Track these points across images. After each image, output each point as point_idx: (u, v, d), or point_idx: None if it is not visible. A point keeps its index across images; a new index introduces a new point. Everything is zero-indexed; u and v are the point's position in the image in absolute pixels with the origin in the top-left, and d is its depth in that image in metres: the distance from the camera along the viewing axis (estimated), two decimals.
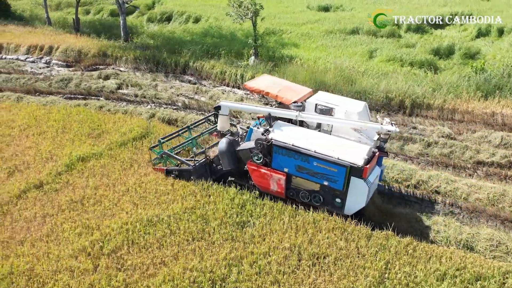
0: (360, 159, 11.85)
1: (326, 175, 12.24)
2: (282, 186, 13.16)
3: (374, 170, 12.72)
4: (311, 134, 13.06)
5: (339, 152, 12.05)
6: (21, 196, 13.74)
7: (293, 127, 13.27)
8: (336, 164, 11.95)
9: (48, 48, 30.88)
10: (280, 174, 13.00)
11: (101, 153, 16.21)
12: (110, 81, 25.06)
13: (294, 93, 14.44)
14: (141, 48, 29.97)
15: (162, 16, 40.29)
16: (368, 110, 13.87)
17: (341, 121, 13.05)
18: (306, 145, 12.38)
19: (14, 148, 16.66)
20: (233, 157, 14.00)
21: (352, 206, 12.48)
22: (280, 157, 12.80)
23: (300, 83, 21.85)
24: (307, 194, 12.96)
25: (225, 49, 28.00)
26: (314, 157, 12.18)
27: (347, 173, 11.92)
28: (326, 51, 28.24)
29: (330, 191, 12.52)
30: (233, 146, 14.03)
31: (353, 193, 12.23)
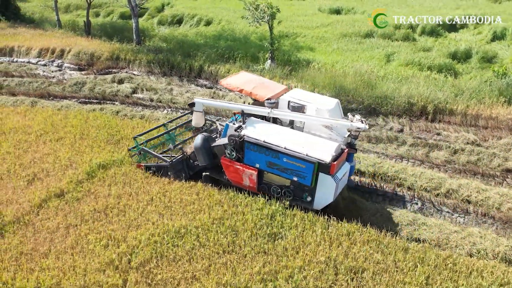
0: (328, 155, 12.13)
1: (295, 171, 12.58)
2: (254, 181, 13.49)
3: (343, 167, 13.11)
4: (282, 131, 13.31)
5: (308, 148, 12.36)
6: (42, 205, 13.33)
7: (265, 124, 13.57)
8: (305, 161, 12.28)
9: (59, 51, 30.55)
10: (252, 169, 13.33)
11: (122, 160, 15.81)
12: (124, 85, 24.67)
13: (269, 90, 14.56)
14: (154, 51, 29.60)
15: (173, 19, 39.97)
16: (341, 108, 14.14)
17: (311, 118, 13.44)
18: (277, 141, 12.67)
19: (32, 154, 16.27)
20: (208, 153, 14.31)
21: (321, 202, 12.83)
22: (252, 153, 13.16)
23: (319, 88, 21.59)
24: (278, 189, 13.30)
25: (240, 52, 27.58)
26: (284, 154, 12.51)
27: (315, 169, 12.26)
28: (343, 54, 27.81)
29: (299, 187, 12.90)
30: (208, 142, 14.34)
31: (322, 188, 12.58)
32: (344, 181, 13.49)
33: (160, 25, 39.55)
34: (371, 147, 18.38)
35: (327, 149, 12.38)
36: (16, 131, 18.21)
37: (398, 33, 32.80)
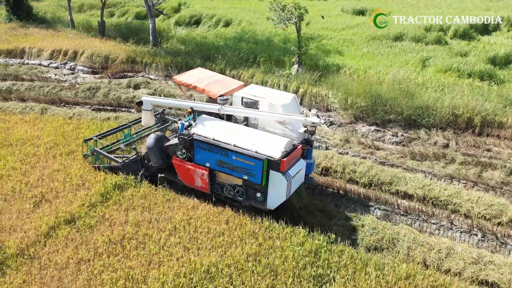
0: (277, 152, 11.65)
1: (245, 169, 12.04)
2: (206, 182, 12.96)
3: (298, 164, 12.43)
4: (233, 128, 12.90)
5: (258, 145, 11.89)
6: (50, 234, 11.62)
7: (216, 121, 13.17)
8: (254, 158, 11.76)
9: (72, 53, 28.99)
10: (203, 169, 12.82)
11: (140, 180, 14.11)
12: (141, 91, 22.96)
13: (222, 86, 14.16)
14: (172, 53, 27.88)
15: (191, 20, 38.26)
16: (298, 104, 13.61)
17: (263, 114, 12.98)
18: (226, 138, 12.23)
19: (40, 171, 14.60)
20: (161, 153, 13.77)
21: (273, 201, 12.26)
22: (202, 152, 12.68)
23: (353, 97, 19.70)
24: (231, 189, 12.73)
25: (264, 56, 25.77)
26: (233, 151, 12.04)
27: (265, 167, 11.69)
28: (374, 59, 25.88)
29: (251, 186, 12.31)
30: (161, 141, 13.79)
31: (273, 187, 12.00)
32: (299, 179, 12.71)
33: (177, 26, 37.86)
34: (416, 165, 16.47)
35: (277, 145, 11.86)
36: (24, 143, 16.58)
37: (429, 36, 30.76)
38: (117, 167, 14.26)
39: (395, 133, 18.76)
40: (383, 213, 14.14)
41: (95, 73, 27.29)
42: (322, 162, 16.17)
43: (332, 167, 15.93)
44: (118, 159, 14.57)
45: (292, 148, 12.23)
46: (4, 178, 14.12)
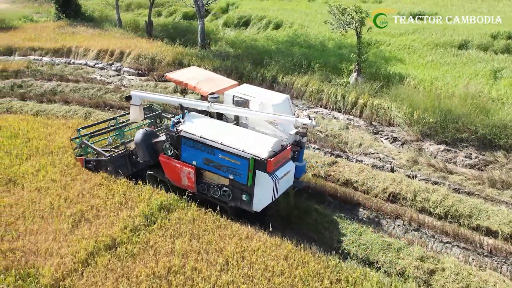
0: (264, 151, 11.31)
1: (231, 168, 11.75)
2: (192, 180, 12.68)
3: (286, 165, 12.04)
4: (221, 126, 12.60)
5: (245, 144, 11.56)
6: (88, 261, 10.37)
7: (205, 119, 12.89)
8: (239, 157, 11.46)
9: (119, 54, 28.12)
10: (190, 167, 12.55)
11: (188, 200, 12.75)
12: (188, 97, 21.69)
13: (214, 85, 14.01)
14: (221, 57, 26.55)
15: (240, 21, 36.87)
16: (291, 105, 13.38)
17: (252, 113, 12.68)
18: (213, 136, 11.93)
19: (80, 185, 13.44)
20: (149, 149, 13.46)
21: (260, 202, 11.88)
22: (189, 149, 12.44)
23: (420, 111, 17.82)
24: (217, 189, 12.38)
25: (318, 62, 24.06)
26: (219, 149, 11.77)
27: (251, 166, 11.37)
28: (440, 69, 23.73)
29: (238, 186, 11.97)
30: (150, 137, 13.51)
31: (259, 188, 11.64)
32: (287, 181, 12.32)
33: (226, 27, 36.57)
34: (497, 194, 14.45)
35: (265, 144, 11.52)
36: (66, 151, 15.54)
37: (497, 43, 28.25)
38: (104, 160, 13.96)
39: (468, 154, 16.72)
40: (463, 252, 12.25)
41: (141, 75, 26.30)
42: (389, 186, 14.39)
43: (401, 193, 14.12)
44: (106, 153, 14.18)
45: (280, 149, 11.86)
46: (43, 191, 13.02)
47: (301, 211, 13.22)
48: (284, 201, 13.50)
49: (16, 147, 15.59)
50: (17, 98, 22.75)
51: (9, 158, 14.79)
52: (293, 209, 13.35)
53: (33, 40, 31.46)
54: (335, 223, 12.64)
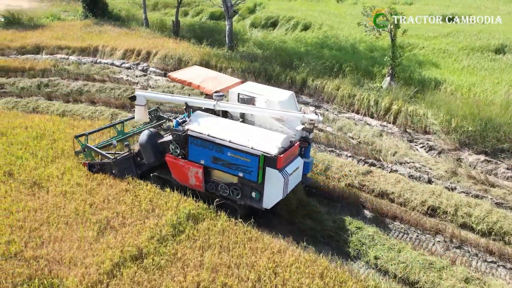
0: (273, 148, 11.30)
1: (240, 165, 11.67)
2: (200, 179, 12.62)
3: (295, 161, 12.09)
4: (228, 124, 12.55)
5: (254, 141, 11.52)
6: (113, 272, 9.90)
7: (211, 117, 12.79)
8: (249, 154, 11.40)
9: (145, 54, 27.78)
10: (197, 166, 12.48)
11: (217, 209, 12.21)
12: None
13: (218, 83, 13.95)
14: (248, 58, 25.97)
15: (267, 22, 36.28)
16: (295, 101, 13.42)
17: (260, 110, 12.70)
18: (221, 135, 11.86)
19: (106, 190, 13.00)
20: (154, 150, 13.34)
21: (270, 199, 11.86)
22: (196, 148, 12.32)
23: (458, 119, 16.99)
24: (226, 187, 12.36)
25: (350, 65, 23.31)
26: (228, 147, 11.68)
27: (261, 163, 11.31)
28: (477, 74, 22.76)
29: (247, 184, 11.95)
30: (155, 138, 13.44)
31: (270, 185, 11.61)
32: (296, 177, 12.38)
33: (253, 28, 36.00)
34: None
35: (274, 141, 11.52)
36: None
37: None
38: (109, 163, 13.63)
39: (510, 166, 15.82)
40: (510, 273, 11.43)
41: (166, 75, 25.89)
42: (428, 199, 13.60)
43: (441, 207, 13.32)
44: (110, 155, 13.90)
45: (289, 145, 11.88)
46: (68, 196, 12.61)
47: (335, 224, 12.55)
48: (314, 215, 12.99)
49: (41, 149, 15.25)
50: (43, 98, 22.56)
51: (34, 160, 14.46)
52: (326, 222, 12.69)
53: (60, 39, 31.38)
54: (372, 237, 11.94)
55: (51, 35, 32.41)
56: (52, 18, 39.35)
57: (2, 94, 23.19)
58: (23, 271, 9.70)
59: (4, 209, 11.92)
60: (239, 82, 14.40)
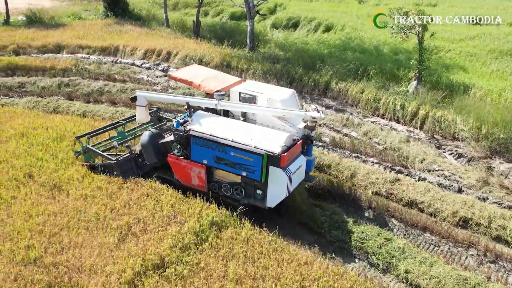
0: (277, 146, 11.25)
1: (244, 165, 11.61)
2: (203, 179, 12.55)
3: (298, 160, 12.01)
4: (231, 123, 12.48)
5: (256, 140, 11.47)
6: (135, 282, 9.58)
7: (213, 117, 12.73)
8: (252, 153, 11.35)
9: (166, 54, 27.56)
10: (200, 166, 12.41)
11: (241, 216, 11.83)
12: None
13: (219, 82, 13.85)
14: (270, 59, 25.56)
15: (288, 22, 35.82)
16: (297, 99, 13.42)
17: (261, 109, 12.63)
18: (223, 134, 11.81)
19: (127, 194, 12.70)
20: (156, 150, 13.37)
21: (273, 198, 11.82)
22: (199, 148, 12.28)
23: (489, 125, 16.38)
24: (229, 187, 12.34)
25: (374, 68, 22.76)
26: (231, 147, 11.63)
27: (264, 162, 11.27)
28: (507, 79, 22.02)
29: (251, 183, 11.93)
30: (156, 138, 13.45)
31: (273, 184, 11.57)
32: (299, 176, 12.25)
33: (274, 29, 35.57)
34: None
35: (277, 140, 11.48)
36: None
37: None
38: (110, 164, 13.58)
39: None
40: None
41: None
42: (460, 210, 13.03)
43: (474, 218, 12.74)
44: (112, 157, 13.77)
45: (292, 143, 11.82)
46: (88, 200, 12.33)
47: (363, 234, 12.06)
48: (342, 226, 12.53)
49: (62, 150, 15.04)
50: (64, 97, 22.40)
51: (55, 162, 14.24)
52: (354, 233, 12.21)
53: (81, 38, 31.33)
54: (401, 250, 11.43)
55: (72, 34, 32.39)
56: (73, 17, 39.42)
57: (23, 93, 23.14)
58: (43, 278, 9.44)
59: (24, 212, 11.69)
60: (240, 81, 14.36)
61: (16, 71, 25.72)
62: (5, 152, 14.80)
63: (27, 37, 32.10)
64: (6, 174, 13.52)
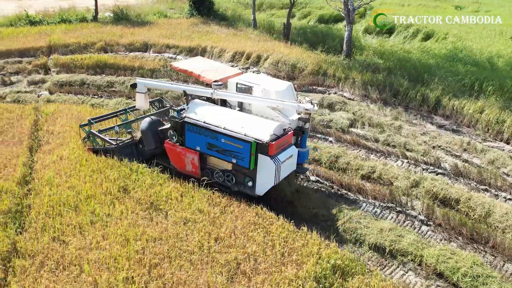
0: (265, 135, 11.61)
1: (234, 152, 11.96)
2: (196, 166, 13.04)
3: (288, 150, 12.29)
4: (224, 112, 12.82)
5: (247, 128, 11.83)
6: None
7: (208, 105, 13.15)
8: (242, 140, 11.71)
9: (256, 57, 26.11)
10: (193, 153, 12.89)
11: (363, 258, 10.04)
12: (339, 114, 18.97)
13: (218, 73, 14.32)
14: (368, 68, 23.44)
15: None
16: (294, 91, 13.70)
17: (254, 99, 13.02)
18: (216, 121, 12.23)
19: (231, 220, 11.19)
20: (155, 137, 13.91)
21: (262, 186, 12.15)
22: (192, 135, 12.71)
23: None
24: (221, 174, 12.77)
25: (492, 84, 20.13)
26: (222, 134, 12.02)
27: (252, 149, 11.58)
28: None
29: (241, 171, 12.29)
30: (156, 125, 13.97)
31: (262, 171, 11.90)
32: (289, 166, 12.54)
33: (366, 34, 33.33)
34: None
35: (266, 128, 11.85)
36: None
37: None
38: (111, 149, 14.24)
39: None
40: None
41: None
42: None
43: None
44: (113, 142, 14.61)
45: (282, 133, 12.09)
46: (190, 225, 10.95)
47: None
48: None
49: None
50: None
51: (150, 176, 13.05)
52: None
53: (168, 37, 30.58)
54: None
55: (159, 33, 31.76)
56: (159, 15, 39.04)
57: (111, 93, 22.51)
58: None
59: (121, 234, 10.48)
60: (239, 73, 14.80)
61: (104, 69, 25.23)
62: (98, 161, 13.82)
63: (115, 34, 31.81)
64: (100, 186, 12.47)
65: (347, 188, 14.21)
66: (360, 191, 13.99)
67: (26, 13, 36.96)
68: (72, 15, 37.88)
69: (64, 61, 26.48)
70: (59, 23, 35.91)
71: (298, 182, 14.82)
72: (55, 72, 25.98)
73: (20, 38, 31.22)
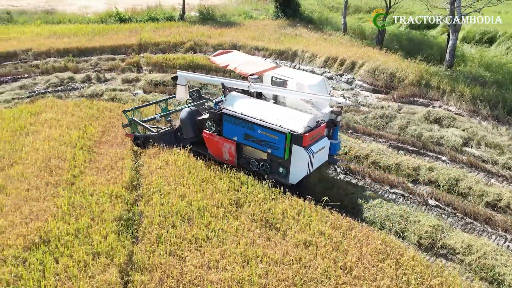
0: (300, 126, 12.03)
1: (269, 142, 12.43)
2: (233, 155, 13.53)
3: (321, 141, 12.65)
4: (261, 104, 13.22)
5: (282, 120, 12.30)
6: None
7: (245, 98, 13.48)
8: (277, 131, 12.17)
9: (350, 64, 25.05)
10: (230, 142, 13.37)
11: None
12: (450, 131, 17.55)
13: (254, 66, 14.63)
14: (474, 81, 21.78)
15: (482, 37, 31.34)
16: (326, 85, 13.95)
17: (289, 92, 13.43)
18: (253, 113, 12.68)
19: (355, 247, 10.34)
20: (193, 126, 14.43)
21: (295, 175, 12.56)
22: (230, 126, 13.14)
23: None
24: (256, 163, 13.22)
25: None
26: (258, 125, 12.47)
27: (287, 140, 12.06)
28: None
29: (275, 160, 12.73)
30: (194, 115, 14.48)
31: (295, 161, 12.30)
32: (321, 157, 12.81)
33: (464, 43, 31.31)
34: None
35: (301, 120, 12.19)
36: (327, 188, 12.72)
37: None
38: (152, 136, 15.06)
39: None
40: None
41: (376, 91, 22.87)
42: None
43: None
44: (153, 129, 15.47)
45: (316, 125, 12.45)
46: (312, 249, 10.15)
47: None
48: None
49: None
50: None
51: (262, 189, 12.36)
52: None
53: (256, 39, 30.10)
54: None
55: (247, 34, 31.35)
56: (244, 16, 38.73)
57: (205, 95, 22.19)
58: None
59: (239, 254, 9.86)
60: (274, 67, 15.05)
61: (196, 70, 25.02)
62: (206, 169, 13.35)
63: (203, 34, 31.73)
64: (211, 197, 11.94)
65: (472, 216, 12.93)
66: (487, 221, 12.69)
67: (116, 10, 37.68)
68: (160, 14, 38.26)
69: (156, 60, 26.55)
70: (147, 21, 36.34)
71: (413, 205, 13.72)
72: (147, 71, 26.08)
73: (111, 35, 31.76)
